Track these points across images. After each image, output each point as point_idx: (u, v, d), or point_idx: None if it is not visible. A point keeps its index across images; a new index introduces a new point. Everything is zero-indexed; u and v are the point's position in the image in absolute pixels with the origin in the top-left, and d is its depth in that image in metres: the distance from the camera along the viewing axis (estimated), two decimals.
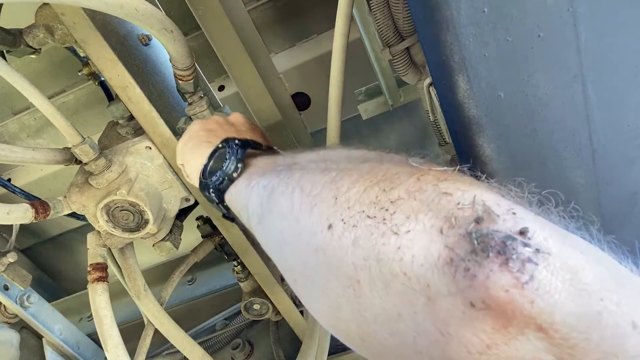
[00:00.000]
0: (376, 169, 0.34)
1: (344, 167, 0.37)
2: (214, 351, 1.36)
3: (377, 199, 0.31)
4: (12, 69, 0.67)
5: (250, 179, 0.49)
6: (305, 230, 0.35)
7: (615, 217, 0.52)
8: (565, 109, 0.45)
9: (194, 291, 1.55)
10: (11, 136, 1.55)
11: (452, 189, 0.29)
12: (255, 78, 1.08)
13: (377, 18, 0.68)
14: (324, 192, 0.35)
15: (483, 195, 0.28)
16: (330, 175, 0.36)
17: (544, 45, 0.42)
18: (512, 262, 0.24)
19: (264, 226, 0.43)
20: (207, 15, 0.94)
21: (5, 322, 1.14)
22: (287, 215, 0.38)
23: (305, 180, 0.38)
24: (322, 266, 0.33)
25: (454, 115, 0.49)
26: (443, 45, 0.44)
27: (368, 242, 0.29)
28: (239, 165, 0.52)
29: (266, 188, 0.44)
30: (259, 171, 0.49)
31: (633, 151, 0.48)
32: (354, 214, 0.31)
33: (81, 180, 0.81)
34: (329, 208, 0.33)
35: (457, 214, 0.27)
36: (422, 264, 0.26)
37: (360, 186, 0.33)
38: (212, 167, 0.56)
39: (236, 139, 0.56)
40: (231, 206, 0.53)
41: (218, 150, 0.57)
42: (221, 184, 0.52)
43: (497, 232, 0.25)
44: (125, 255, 0.94)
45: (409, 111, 1.54)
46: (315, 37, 1.39)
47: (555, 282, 0.23)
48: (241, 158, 0.53)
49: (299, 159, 0.47)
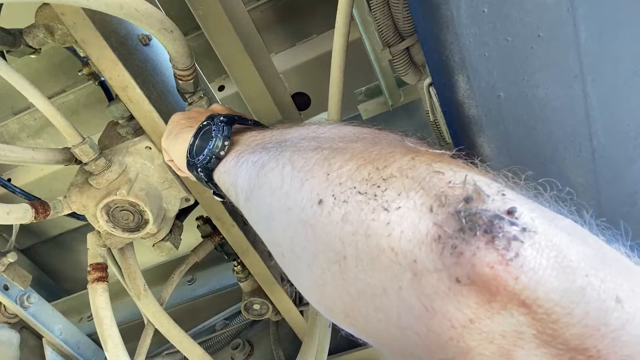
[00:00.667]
0: (370, 148, 0.34)
1: (337, 145, 0.37)
2: (214, 351, 1.36)
3: (370, 176, 0.31)
4: (12, 69, 0.67)
5: (239, 156, 0.48)
6: (295, 205, 0.34)
7: (615, 216, 0.52)
8: (565, 109, 0.45)
9: (194, 291, 1.55)
10: (11, 136, 1.55)
11: (445, 169, 0.29)
12: (255, 78, 1.08)
13: (377, 18, 0.68)
14: (315, 168, 0.34)
15: (475, 175, 0.28)
16: (322, 153, 0.36)
17: (544, 45, 0.42)
18: (498, 240, 0.24)
19: (253, 202, 0.42)
20: (207, 15, 0.94)
21: (5, 322, 1.14)
22: (276, 191, 0.37)
23: (297, 156, 0.37)
24: (310, 241, 0.33)
25: (454, 115, 0.49)
26: (443, 45, 0.44)
27: (357, 217, 0.29)
28: (225, 143, 0.51)
29: (255, 164, 0.43)
30: (248, 148, 0.48)
31: (633, 151, 0.48)
32: (345, 190, 0.31)
33: (81, 180, 0.81)
34: (320, 184, 0.33)
35: (447, 192, 0.27)
36: (410, 240, 0.27)
37: (354, 164, 0.32)
38: (199, 146, 0.54)
39: (221, 116, 0.54)
40: (220, 184, 0.52)
41: (203, 128, 0.55)
42: (209, 162, 0.51)
43: (486, 211, 0.25)
44: (125, 255, 0.94)
45: (409, 111, 1.54)
46: (315, 37, 1.39)
47: (540, 259, 0.24)
48: (227, 135, 0.51)
49: (289, 135, 0.45)
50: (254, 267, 1.09)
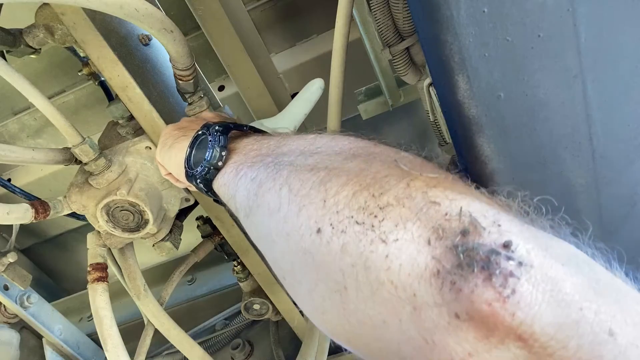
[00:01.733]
0: (365, 171, 0.34)
1: (333, 165, 0.37)
2: (214, 351, 1.36)
3: (366, 204, 0.31)
4: (12, 69, 0.67)
5: (238, 169, 0.48)
6: (293, 231, 0.35)
7: (615, 217, 0.52)
8: (565, 109, 0.45)
9: (194, 291, 1.55)
10: (11, 136, 1.55)
11: (440, 198, 0.30)
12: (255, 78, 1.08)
13: (377, 18, 0.68)
14: (312, 193, 0.34)
15: (470, 206, 0.29)
16: (318, 175, 0.36)
17: (544, 45, 0.42)
18: (495, 277, 0.25)
19: (252, 220, 0.42)
20: (207, 15, 0.94)
21: (5, 322, 1.14)
22: (274, 213, 0.38)
23: (294, 178, 0.37)
24: (310, 269, 0.33)
25: (454, 115, 0.49)
26: (443, 45, 0.44)
27: (356, 249, 0.30)
28: (223, 153, 0.51)
29: (254, 181, 0.43)
30: (246, 160, 0.48)
31: (633, 151, 0.48)
32: (342, 219, 0.31)
33: (81, 180, 0.81)
34: (317, 211, 0.33)
35: (444, 225, 0.28)
36: (409, 274, 0.27)
37: (350, 190, 0.33)
38: (196, 156, 0.54)
39: (216, 125, 0.54)
40: (220, 195, 0.52)
41: (199, 138, 0.55)
42: (207, 173, 0.51)
43: (482, 246, 0.26)
44: (125, 255, 0.94)
45: (409, 111, 1.54)
46: (315, 37, 1.39)
47: (535, 294, 0.24)
48: (224, 145, 0.51)
49: (286, 147, 0.45)
50: (254, 267, 1.09)
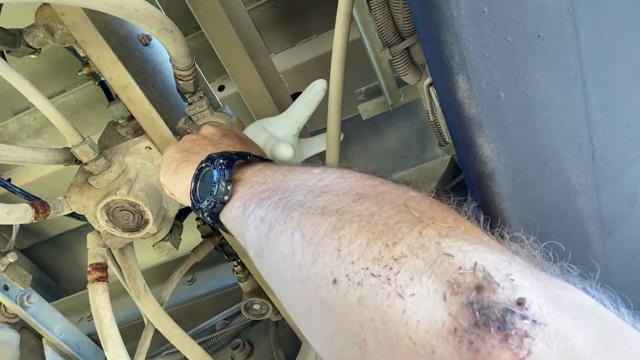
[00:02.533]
0: (376, 216, 0.35)
1: (344, 208, 0.37)
2: (214, 351, 1.36)
3: (381, 255, 0.31)
4: (12, 69, 0.67)
5: (245, 205, 0.48)
6: (309, 280, 0.35)
7: (615, 216, 0.52)
8: (565, 109, 0.45)
9: (194, 291, 1.55)
10: (11, 136, 1.55)
11: (454, 250, 0.30)
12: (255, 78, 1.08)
13: (377, 18, 0.68)
14: (326, 241, 0.35)
15: (483, 259, 0.29)
16: (330, 221, 0.36)
17: (544, 45, 0.42)
18: (511, 338, 0.26)
19: (264, 260, 0.43)
20: (207, 15, 0.94)
21: (5, 322, 1.14)
22: (288, 259, 0.38)
23: (305, 222, 0.38)
24: (328, 319, 0.34)
25: (454, 115, 0.49)
26: (443, 45, 0.44)
27: (374, 302, 0.30)
28: (228, 188, 0.51)
29: (263, 222, 0.43)
30: (253, 195, 0.48)
31: (633, 151, 0.48)
32: (358, 270, 0.32)
33: (81, 180, 0.81)
34: (332, 260, 0.34)
35: (459, 279, 0.28)
36: (427, 331, 0.28)
37: (363, 238, 0.33)
38: (201, 189, 0.55)
39: (220, 157, 0.54)
40: (228, 228, 0.52)
41: (203, 170, 0.55)
42: (214, 207, 0.51)
43: (497, 304, 0.27)
44: (125, 255, 0.94)
45: (409, 111, 1.54)
46: (315, 37, 1.39)
47: (550, 353, 0.25)
48: (229, 179, 0.52)
49: (293, 182, 0.45)
50: (254, 267, 1.09)
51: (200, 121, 0.85)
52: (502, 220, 0.54)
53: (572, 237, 0.54)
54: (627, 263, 0.56)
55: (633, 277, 0.58)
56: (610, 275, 0.57)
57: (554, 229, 0.54)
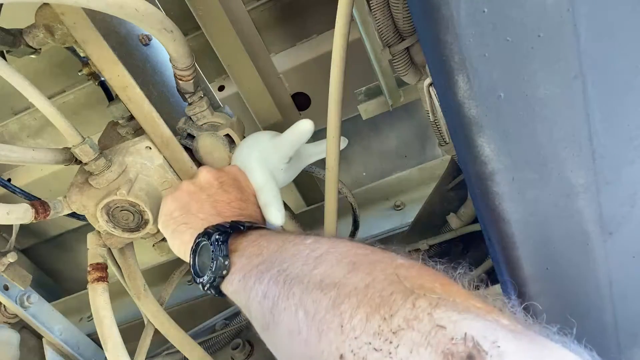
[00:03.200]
0: (372, 289, 0.38)
1: (340, 281, 0.40)
2: (214, 351, 1.36)
3: (380, 328, 0.34)
4: (12, 69, 0.67)
5: (246, 277, 0.51)
6: (317, 356, 0.38)
7: (615, 217, 0.52)
8: (565, 109, 0.45)
9: (194, 291, 1.55)
10: (11, 136, 1.55)
11: (445, 321, 0.33)
12: (255, 78, 1.08)
13: (377, 18, 0.68)
14: (328, 318, 0.38)
15: (472, 328, 0.32)
16: (330, 296, 0.39)
17: (544, 45, 0.42)
18: None
19: (271, 335, 0.45)
20: (207, 15, 0.94)
21: (5, 322, 1.14)
22: (294, 335, 0.41)
23: (307, 299, 0.41)
24: None
25: (454, 115, 0.49)
26: (443, 45, 0.44)
27: None
28: (226, 263, 0.55)
29: (266, 299, 0.46)
30: (251, 268, 0.51)
31: (633, 151, 0.48)
32: (361, 345, 0.35)
33: (81, 180, 0.81)
34: (337, 336, 0.36)
35: (452, 349, 0.31)
36: None
37: (362, 313, 0.36)
38: (200, 264, 0.58)
39: (216, 232, 0.58)
40: (231, 298, 0.55)
41: (200, 245, 0.59)
42: (214, 281, 0.55)
43: None
44: (125, 255, 0.94)
45: (409, 111, 1.54)
46: (315, 37, 1.39)
47: None
48: (226, 254, 0.55)
49: (287, 253, 0.48)
50: None
51: (200, 121, 0.85)
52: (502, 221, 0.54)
53: (572, 237, 0.54)
54: (627, 263, 0.56)
55: (633, 277, 0.58)
56: (611, 275, 0.57)
57: (554, 229, 0.54)
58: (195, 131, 0.84)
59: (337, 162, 0.75)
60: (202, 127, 0.85)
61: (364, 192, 1.44)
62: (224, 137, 0.84)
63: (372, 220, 1.41)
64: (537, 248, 0.56)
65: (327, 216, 0.81)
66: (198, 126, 0.85)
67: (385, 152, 1.68)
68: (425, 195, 1.13)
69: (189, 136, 0.85)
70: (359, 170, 1.72)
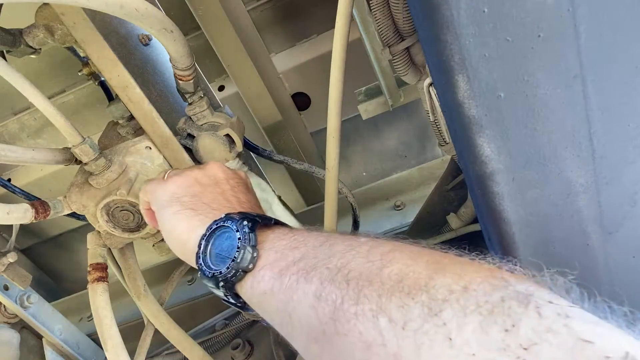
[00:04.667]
0: (472, 293, 0.31)
1: (428, 283, 0.33)
2: (214, 351, 1.36)
3: (505, 343, 0.28)
4: (12, 69, 0.67)
5: (282, 276, 0.41)
6: None
7: (615, 217, 0.52)
8: (565, 109, 0.45)
9: (194, 291, 1.55)
10: (11, 136, 1.55)
11: (589, 335, 0.28)
12: (255, 78, 1.08)
13: (377, 18, 0.68)
14: (427, 328, 0.31)
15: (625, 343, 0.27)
16: (421, 301, 0.32)
17: (544, 45, 0.42)
18: None
19: (331, 346, 0.36)
20: (207, 15, 0.94)
21: (5, 322, 1.14)
22: (375, 348, 0.33)
23: (389, 304, 0.33)
24: None
25: (454, 115, 0.49)
26: (443, 45, 0.44)
27: None
28: (254, 255, 0.44)
29: (322, 300, 0.37)
30: (287, 264, 0.42)
31: (633, 151, 0.48)
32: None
33: (81, 180, 0.81)
34: (445, 351, 0.29)
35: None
36: None
37: (474, 323, 0.29)
38: (216, 255, 0.47)
39: (244, 219, 0.47)
40: (253, 302, 0.46)
41: (217, 231, 0.48)
42: (234, 276, 0.45)
43: None
44: (125, 255, 0.94)
45: (409, 111, 1.54)
46: (315, 37, 1.39)
47: None
48: (255, 244, 0.45)
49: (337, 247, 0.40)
50: None
51: (200, 121, 0.85)
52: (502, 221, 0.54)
53: (572, 237, 0.54)
54: (627, 263, 0.56)
55: (633, 277, 0.58)
56: (611, 275, 0.57)
57: (554, 229, 0.54)
58: (195, 131, 0.84)
59: (337, 162, 0.75)
60: (202, 127, 0.85)
61: (364, 192, 1.44)
62: (224, 137, 0.84)
63: (372, 220, 1.41)
64: (537, 248, 0.56)
65: (327, 216, 0.81)
66: (198, 126, 0.85)
67: (385, 152, 1.68)
68: (425, 195, 1.13)
69: (189, 136, 0.85)
70: (359, 170, 1.72)
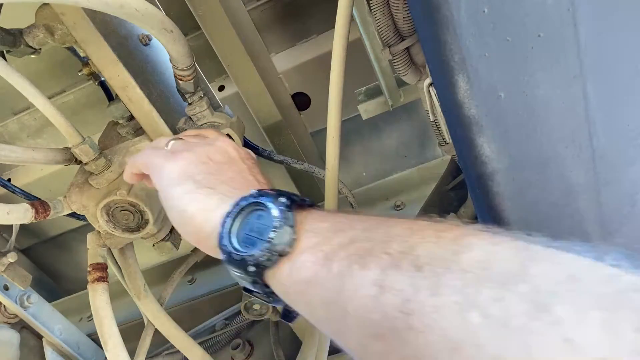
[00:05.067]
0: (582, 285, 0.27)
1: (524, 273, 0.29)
2: (214, 351, 1.36)
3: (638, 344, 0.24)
4: (12, 69, 0.67)
5: (329, 261, 0.35)
6: None
7: (615, 217, 0.52)
8: (565, 109, 0.45)
9: (194, 291, 1.55)
10: (11, 136, 1.55)
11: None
12: (255, 78, 1.08)
13: (377, 18, 0.68)
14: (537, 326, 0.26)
15: None
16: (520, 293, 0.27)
17: (544, 45, 0.42)
18: None
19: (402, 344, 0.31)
20: (207, 15, 0.94)
21: (5, 322, 1.14)
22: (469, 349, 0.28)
23: (476, 295, 0.28)
24: None
25: (454, 115, 0.49)
26: (443, 45, 0.44)
27: None
28: (293, 237, 0.39)
29: (388, 290, 0.31)
30: (333, 248, 0.36)
31: (633, 151, 0.48)
32: None
33: (81, 180, 0.81)
34: (563, 355, 0.25)
35: None
36: None
37: (595, 321, 0.25)
38: (245, 236, 0.41)
39: (279, 195, 0.41)
40: (284, 289, 0.39)
41: (247, 209, 0.42)
42: (268, 260, 0.39)
43: None
44: (125, 255, 0.94)
45: (409, 111, 1.54)
46: (315, 37, 1.39)
47: None
48: (293, 225, 0.39)
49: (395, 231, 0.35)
50: None
51: (200, 121, 0.85)
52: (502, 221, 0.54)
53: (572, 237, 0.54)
54: None
55: None
56: None
57: (554, 229, 0.54)
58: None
59: (337, 162, 0.75)
60: (202, 127, 0.85)
61: (364, 192, 1.44)
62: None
63: None
64: None
65: None
66: (198, 126, 0.85)
67: (385, 152, 1.68)
68: (425, 195, 1.13)
69: None
70: (359, 170, 1.72)
